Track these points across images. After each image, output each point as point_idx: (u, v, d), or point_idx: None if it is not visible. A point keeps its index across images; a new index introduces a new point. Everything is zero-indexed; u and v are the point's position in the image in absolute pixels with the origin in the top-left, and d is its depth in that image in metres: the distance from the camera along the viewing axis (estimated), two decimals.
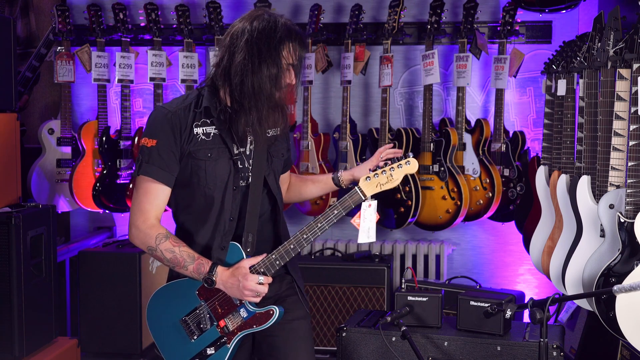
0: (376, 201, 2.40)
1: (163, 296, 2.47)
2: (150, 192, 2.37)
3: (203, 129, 2.37)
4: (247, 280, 2.30)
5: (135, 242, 2.41)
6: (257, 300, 2.34)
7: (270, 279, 2.35)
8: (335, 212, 2.34)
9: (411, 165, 2.32)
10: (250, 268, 2.34)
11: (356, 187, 2.33)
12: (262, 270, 2.35)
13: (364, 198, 2.34)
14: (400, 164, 2.31)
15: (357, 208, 2.44)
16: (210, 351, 2.41)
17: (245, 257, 2.37)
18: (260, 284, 2.31)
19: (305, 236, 2.36)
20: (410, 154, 2.33)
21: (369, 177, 2.33)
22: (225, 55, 2.34)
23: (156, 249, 2.36)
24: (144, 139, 2.35)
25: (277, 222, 2.51)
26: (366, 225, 2.39)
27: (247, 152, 2.42)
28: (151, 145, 2.34)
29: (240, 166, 2.40)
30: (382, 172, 2.33)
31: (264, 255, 2.38)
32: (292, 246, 2.36)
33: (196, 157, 2.36)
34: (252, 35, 2.30)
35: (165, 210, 2.48)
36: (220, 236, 2.39)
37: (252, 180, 2.41)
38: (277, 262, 2.36)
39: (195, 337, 2.42)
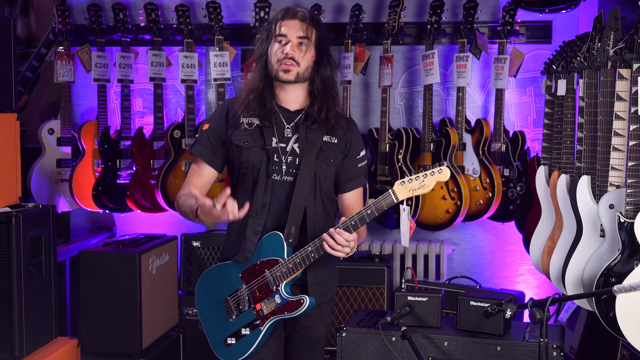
0: (409, 207, 2.49)
1: (212, 275, 2.71)
2: (195, 169, 2.70)
3: (249, 119, 2.63)
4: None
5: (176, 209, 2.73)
6: (206, 219, 2.47)
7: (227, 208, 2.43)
8: (369, 211, 2.45)
9: (443, 174, 2.41)
10: (277, 265, 2.55)
11: (390, 190, 2.44)
12: (284, 269, 2.54)
13: (395, 201, 2.43)
14: (433, 172, 2.41)
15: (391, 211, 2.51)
16: (245, 331, 2.61)
17: (285, 247, 2.56)
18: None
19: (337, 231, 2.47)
20: (444, 163, 2.40)
21: (403, 181, 2.42)
22: None
23: (178, 209, 2.67)
24: (204, 123, 2.72)
25: (304, 222, 2.61)
26: (403, 228, 2.51)
27: (288, 149, 2.61)
28: (205, 129, 2.69)
29: (276, 159, 2.60)
30: (415, 177, 2.43)
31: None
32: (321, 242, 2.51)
33: (235, 144, 2.63)
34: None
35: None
36: (253, 220, 2.60)
37: (300, 173, 2.57)
38: (313, 255, 2.52)
39: (233, 317, 2.63)
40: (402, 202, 2.46)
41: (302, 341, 2.70)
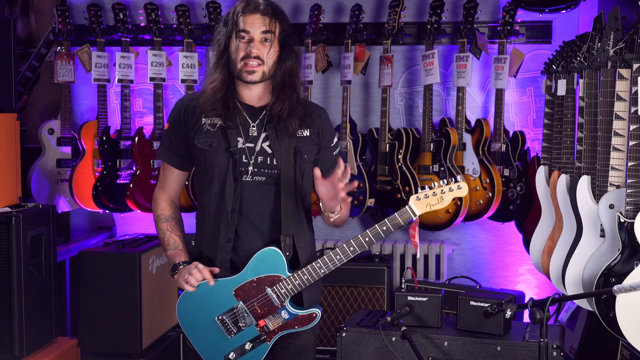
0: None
1: (195, 294, 2.51)
2: (164, 173, 2.61)
3: (211, 120, 2.47)
4: (190, 272, 2.46)
5: (152, 206, 2.66)
6: (186, 287, 2.46)
7: (209, 278, 2.44)
8: (384, 228, 2.38)
9: (462, 190, 2.36)
10: (277, 286, 2.43)
11: (407, 206, 2.37)
12: (283, 290, 2.43)
13: (414, 217, 2.37)
14: (451, 187, 2.36)
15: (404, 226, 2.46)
16: (248, 346, 2.48)
17: (285, 261, 2.44)
18: (198, 269, 2.44)
19: (351, 248, 2.42)
20: (460, 177, 2.37)
21: (419, 196, 2.36)
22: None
23: (156, 223, 2.61)
24: (167, 123, 2.59)
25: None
26: (417, 240, 2.44)
27: (257, 148, 2.46)
28: (166, 129, 2.58)
29: (244, 160, 2.45)
30: (432, 193, 2.36)
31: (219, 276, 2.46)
32: (338, 257, 2.44)
33: (198, 146, 2.47)
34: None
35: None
36: (224, 228, 2.47)
37: (283, 184, 2.45)
38: (322, 271, 2.43)
39: (232, 335, 2.49)
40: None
41: (289, 349, 2.54)
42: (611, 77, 2.84)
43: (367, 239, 2.40)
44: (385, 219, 2.38)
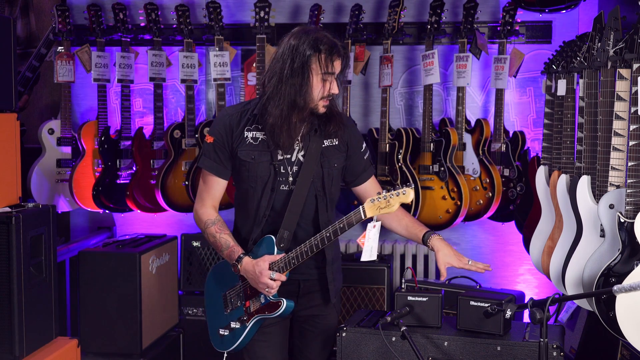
0: (380, 222, 2.66)
1: (219, 269, 2.89)
2: (207, 183, 2.78)
3: (253, 134, 2.69)
4: (262, 274, 2.62)
5: (195, 222, 2.84)
6: (269, 293, 2.66)
7: (283, 277, 2.63)
8: (341, 225, 2.61)
9: (406, 195, 2.54)
10: (270, 264, 2.65)
11: (360, 207, 2.57)
12: (275, 268, 2.64)
13: (363, 217, 2.57)
14: (398, 192, 2.53)
15: (363, 225, 2.68)
16: (234, 325, 2.79)
17: (276, 251, 2.69)
18: (272, 279, 2.61)
19: (315, 242, 2.64)
20: (410, 185, 2.54)
21: (373, 199, 2.55)
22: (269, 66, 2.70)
23: (205, 231, 2.79)
24: (207, 136, 2.75)
25: (318, 224, 2.75)
26: (369, 244, 2.64)
27: (293, 159, 2.69)
28: (210, 142, 2.73)
29: (282, 171, 2.68)
30: (382, 197, 2.55)
31: (283, 254, 2.66)
32: (305, 248, 2.64)
33: (241, 158, 2.70)
34: (285, 49, 2.60)
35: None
36: (257, 229, 2.74)
37: (298, 182, 2.68)
38: (293, 262, 2.65)
39: (228, 310, 2.82)
40: (371, 219, 2.59)
41: (317, 327, 2.86)
42: (611, 77, 2.84)
43: (327, 234, 2.62)
44: (344, 217, 2.59)
